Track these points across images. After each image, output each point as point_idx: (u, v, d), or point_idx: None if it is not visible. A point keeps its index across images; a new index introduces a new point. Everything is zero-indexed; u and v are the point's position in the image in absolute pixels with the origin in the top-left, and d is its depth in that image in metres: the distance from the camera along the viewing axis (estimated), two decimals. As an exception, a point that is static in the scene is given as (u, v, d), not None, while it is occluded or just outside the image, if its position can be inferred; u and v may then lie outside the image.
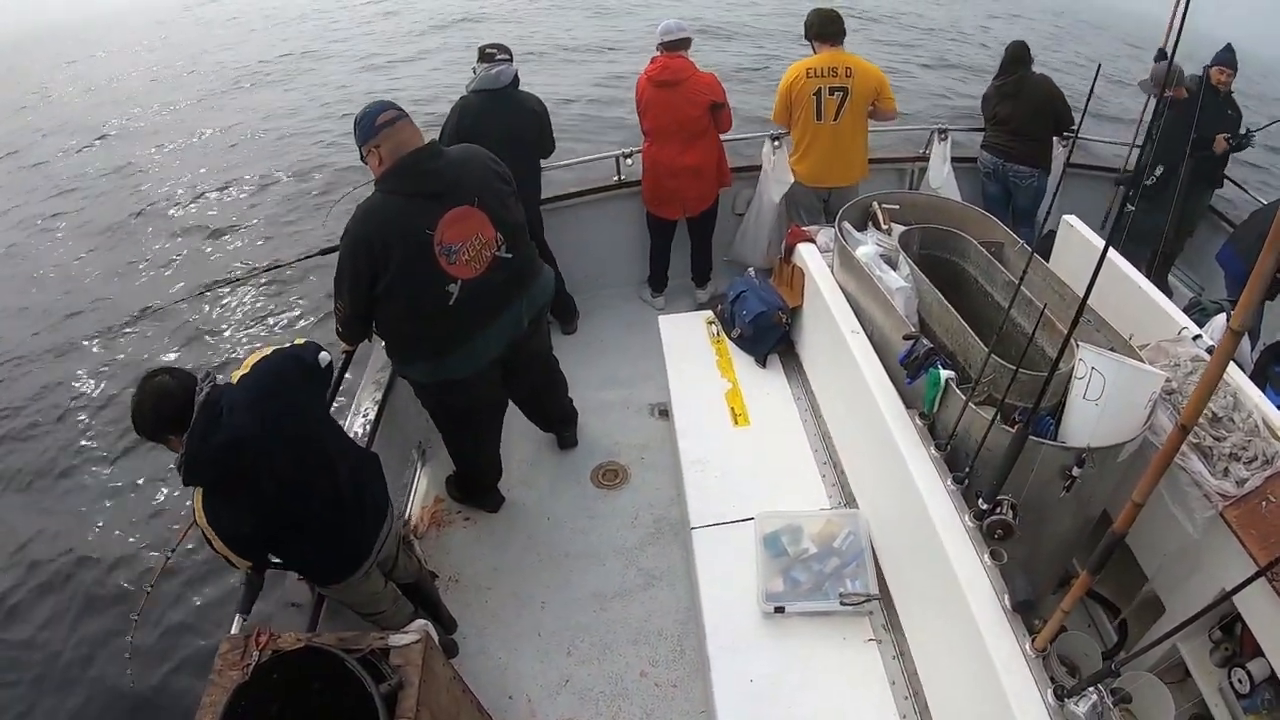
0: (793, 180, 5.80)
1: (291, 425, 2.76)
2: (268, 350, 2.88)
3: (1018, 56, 6.20)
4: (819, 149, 5.55)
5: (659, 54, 5.37)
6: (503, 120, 4.91)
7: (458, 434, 4.14)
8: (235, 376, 2.75)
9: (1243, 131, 6.00)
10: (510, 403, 4.26)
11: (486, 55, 5.00)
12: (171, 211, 12.09)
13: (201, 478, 2.60)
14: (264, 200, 12.10)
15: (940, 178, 6.34)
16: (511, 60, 5.03)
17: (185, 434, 2.54)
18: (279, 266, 5.38)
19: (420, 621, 2.84)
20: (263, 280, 9.30)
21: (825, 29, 5.37)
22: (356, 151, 3.34)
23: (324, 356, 2.97)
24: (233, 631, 2.76)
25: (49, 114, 18.71)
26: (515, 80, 5.02)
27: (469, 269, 3.34)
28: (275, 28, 25.59)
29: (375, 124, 3.25)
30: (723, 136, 5.61)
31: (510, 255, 3.48)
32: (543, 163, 5.38)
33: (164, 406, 2.58)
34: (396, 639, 2.55)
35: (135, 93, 19.36)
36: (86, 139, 16.06)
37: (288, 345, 2.93)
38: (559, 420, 4.75)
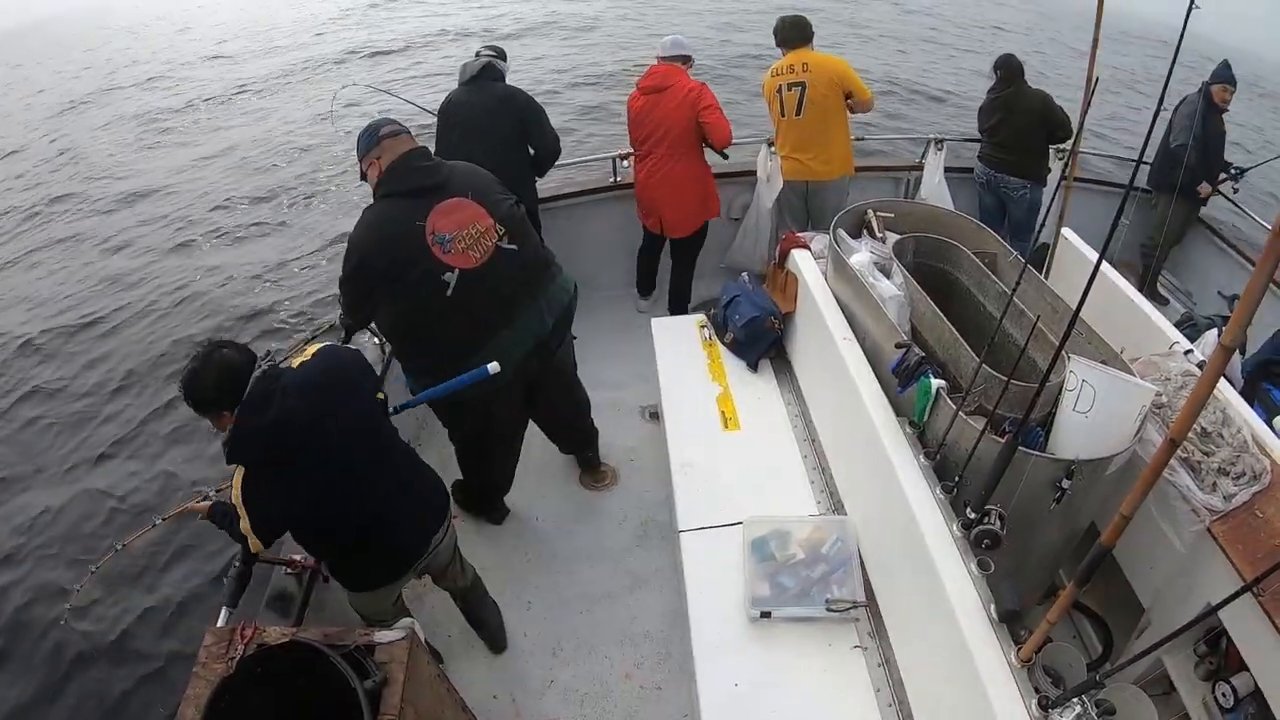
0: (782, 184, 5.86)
1: (346, 418, 2.74)
2: (329, 343, 2.90)
3: (1011, 69, 6.24)
4: (787, 144, 5.71)
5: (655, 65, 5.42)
6: (472, 109, 5.01)
7: (475, 453, 4.05)
8: (295, 362, 2.75)
9: (1233, 170, 6.31)
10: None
11: (476, 54, 5.17)
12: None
13: (245, 455, 2.60)
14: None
15: (932, 187, 6.36)
16: (499, 58, 5.14)
17: (236, 410, 2.55)
18: None
19: (407, 619, 2.84)
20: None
21: (788, 34, 5.56)
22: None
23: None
24: (219, 623, 2.75)
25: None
26: (489, 71, 5.07)
27: (466, 258, 3.27)
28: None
29: (378, 135, 3.32)
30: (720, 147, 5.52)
31: (515, 247, 3.41)
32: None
33: (226, 380, 2.56)
34: (382, 636, 2.53)
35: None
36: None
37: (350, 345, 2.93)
38: (581, 442, 4.64)
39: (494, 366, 3.33)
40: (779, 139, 5.78)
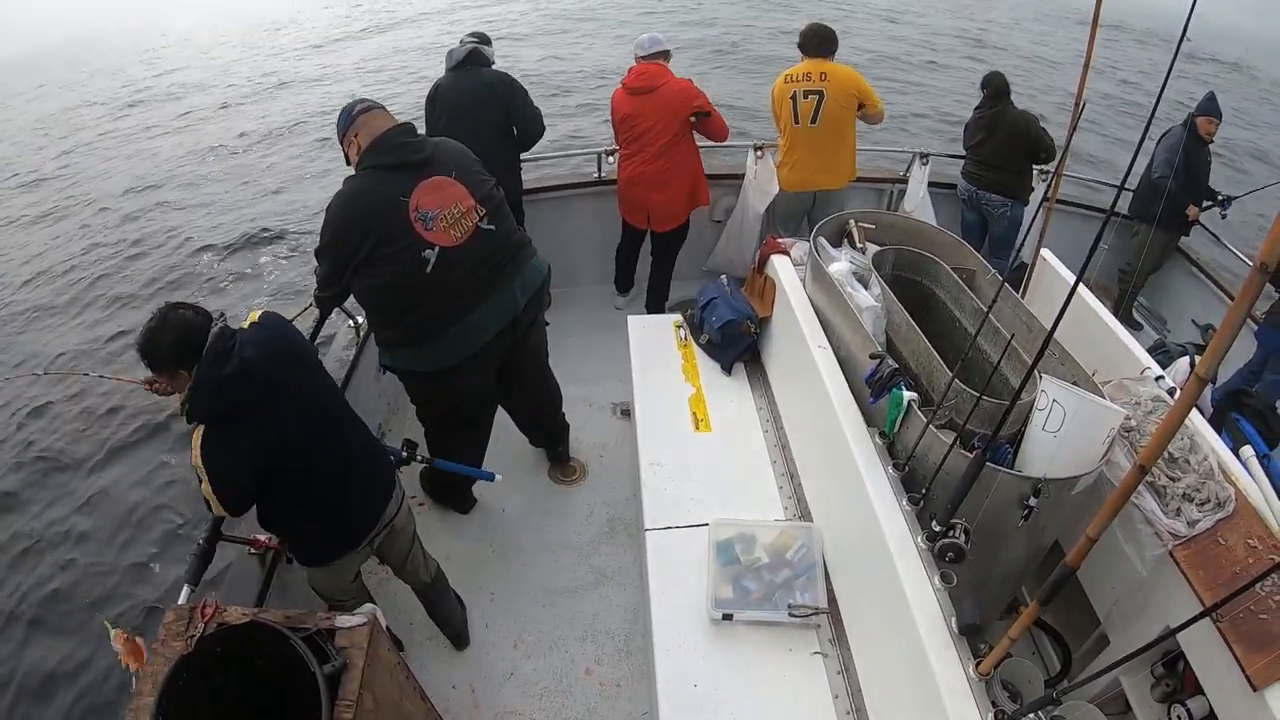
0: (777, 190, 5.84)
1: (297, 378, 2.76)
2: (268, 310, 2.91)
3: (998, 89, 6.29)
4: (799, 152, 5.65)
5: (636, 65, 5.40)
6: (459, 95, 5.04)
7: (446, 433, 4.03)
8: (245, 324, 2.76)
9: (1220, 197, 6.37)
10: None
11: (460, 41, 5.18)
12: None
13: (208, 408, 2.58)
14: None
15: (915, 200, 6.39)
16: (482, 44, 5.16)
17: (195, 368, 2.54)
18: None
19: (369, 605, 2.83)
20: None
21: (810, 41, 5.53)
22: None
23: None
24: (179, 602, 2.72)
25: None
26: (474, 57, 5.09)
27: (447, 236, 3.28)
28: None
29: (353, 113, 3.36)
30: (715, 143, 5.59)
31: (493, 227, 3.44)
32: (527, 155, 5.42)
33: (183, 340, 2.55)
34: (343, 621, 2.53)
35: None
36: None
37: None
38: (554, 435, 4.67)
39: (499, 477, 3.89)
40: (786, 145, 5.70)
